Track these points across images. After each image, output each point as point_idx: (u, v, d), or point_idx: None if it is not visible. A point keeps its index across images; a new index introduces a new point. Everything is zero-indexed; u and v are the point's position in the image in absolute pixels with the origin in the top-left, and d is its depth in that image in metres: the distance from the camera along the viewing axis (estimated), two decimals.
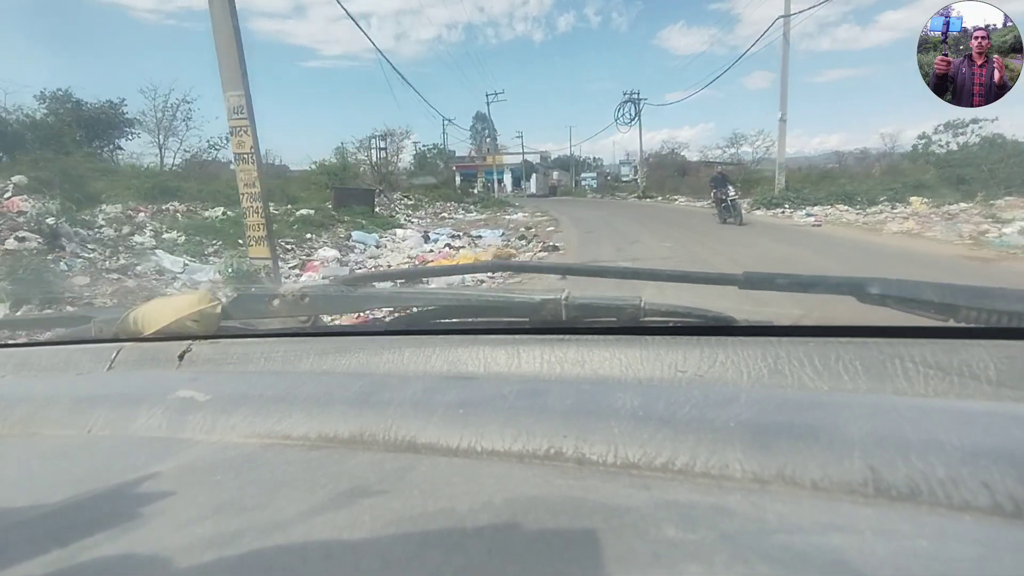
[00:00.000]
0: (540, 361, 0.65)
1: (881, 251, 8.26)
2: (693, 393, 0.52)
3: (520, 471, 0.43)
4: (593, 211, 20.19)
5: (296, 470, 0.46)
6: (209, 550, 0.36)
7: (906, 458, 0.39)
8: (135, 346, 0.84)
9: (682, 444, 0.43)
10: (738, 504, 0.37)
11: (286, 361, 0.75)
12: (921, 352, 0.56)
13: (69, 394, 0.68)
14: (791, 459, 0.41)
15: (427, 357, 0.69)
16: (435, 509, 0.39)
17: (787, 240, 9.81)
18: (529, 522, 0.36)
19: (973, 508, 0.35)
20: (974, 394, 0.52)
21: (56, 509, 0.43)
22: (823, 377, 0.56)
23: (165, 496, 0.43)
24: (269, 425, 0.54)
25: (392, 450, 0.49)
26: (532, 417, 0.49)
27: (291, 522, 0.38)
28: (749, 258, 7.77)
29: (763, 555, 0.32)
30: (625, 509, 0.37)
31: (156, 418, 0.58)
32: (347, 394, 0.58)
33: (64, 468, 0.51)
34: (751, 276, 0.73)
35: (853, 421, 0.44)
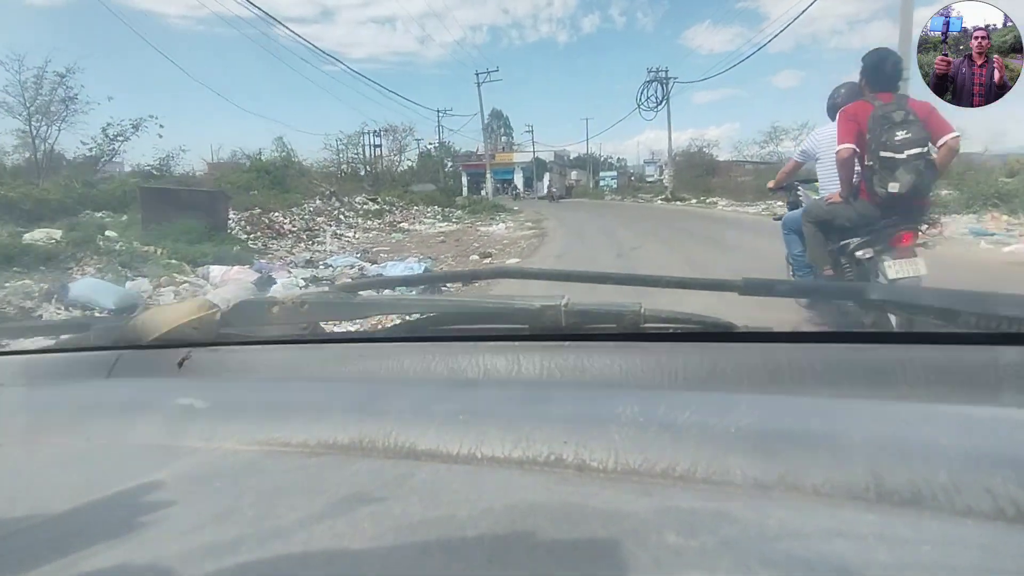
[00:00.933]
0: (540, 368, 0.65)
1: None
2: (693, 399, 0.51)
3: (520, 478, 0.43)
4: (607, 219, 15.30)
5: (296, 477, 0.46)
6: (208, 558, 0.36)
7: (908, 463, 0.39)
8: (134, 353, 0.83)
9: (683, 450, 0.43)
10: (740, 510, 0.37)
11: (285, 368, 0.75)
12: (922, 357, 0.55)
13: (68, 402, 0.68)
14: (793, 465, 0.40)
15: (427, 364, 0.69)
16: (435, 516, 0.38)
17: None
18: (529, 529, 0.36)
19: (976, 513, 0.35)
20: (976, 399, 0.52)
21: (55, 517, 0.43)
22: (823, 383, 0.56)
23: (164, 504, 0.43)
24: (268, 432, 0.54)
25: (392, 457, 0.48)
26: (532, 424, 0.49)
27: (291, 529, 0.38)
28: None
29: (765, 561, 0.32)
30: (626, 516, 0.37)
31: (155, 425, 0.58)
32: (347, 401, 0.58)
33: (63, 476, 0.51)
34: (751, 282, 0.73)
35: (855, 426, 0.44)
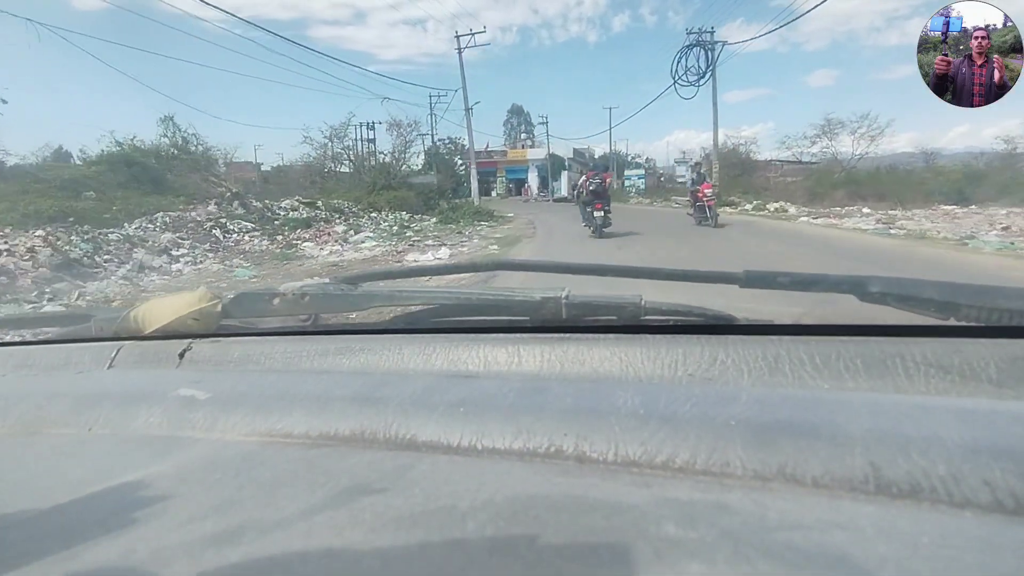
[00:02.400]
0: (540, 359, 0.65)
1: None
2: (694, 391, 0.52)
3: (521, 469, 0.43)
4: (637, 244, 9.31)
5: (296, 468, 0.46)
6: (209, 548, 0.36)
7: (907, 455, 0.39)
8: (135, 344, 0.84)
9: (683, 442, 0.43)
10: (739, 502, 0.37)
11: (286, 360, 0.75)
12: (922, 350, 0.55)
13: (69, 393, 0.68)
14: (792, 456, 0.40)
15: (427, 356, 0.69)
16: (436, 507, 0.38)
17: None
18: (530, 520, 0.36)
19: (974, 505, 0.35)
20: (975, 392, 0.52)
21: (56, 508, 0.43)
22: (824, 375, 0.56)
23: (165, 494, 0.43)
24: (269, 423, 0.54)
25: (393, 448, 0.49)
26: (532, 415, 0.49)
27: (291, 521, 0.38)
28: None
29: (764, 552, 0.32)
30: (626, 507, 0.37)
31: (156, 416, 0.58)
32: (347, 392, 0.58)
33: (64, 467, 0.51)
34: (752, 275, 0.73)
35: (854, 419, 0.44)
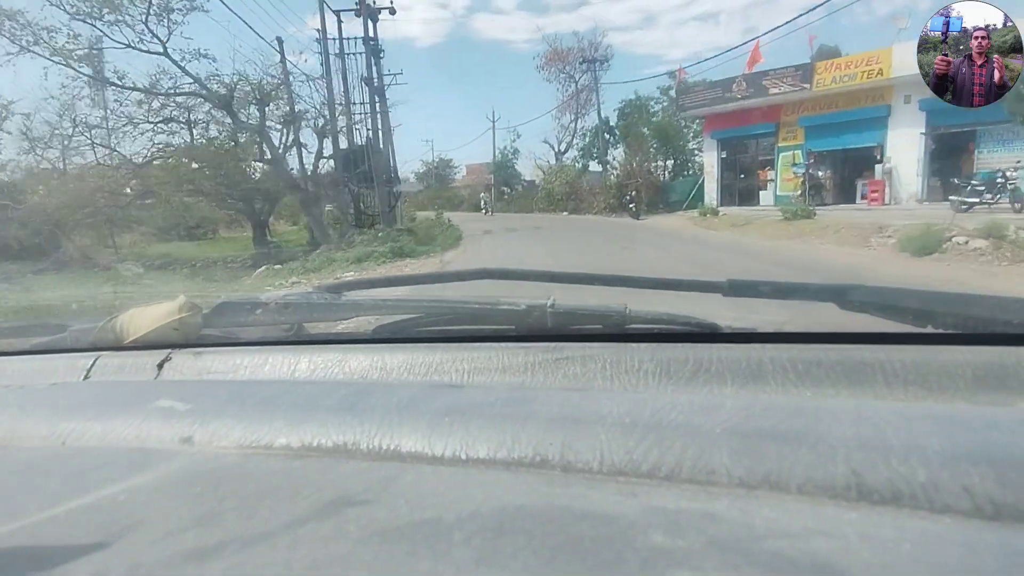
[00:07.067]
0: (526, 368, 0.65)
1: None
2: (679, 399, 0.52)
3: (506, 479, 0.43)
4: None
5: (279, 480, 0.46)
6: (189, 563, 0.36)
7: (888, 462, 0.39)
8: (113, 355, 0.82)
9: (668, 450, 0.43)
10: (725, 510, 0.37)
11: (268, 370, 0.74)
12: (901, 358, 0.56)
13: (43, 404, 0.67)
14: (777, 464, 0.41)
15: (412, 365, 0.69)
16: (421, 518, 0.38)
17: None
18: (516, 530, 0.36)
19: (954, 511, 0.36)
20: (952, 398, 0.53)
21: (29, 523, 0.42)
22: (806, 383, 0.57)
23: (143, 509, 0.43)
24: (251, 435, 0.54)
25: (377, 459, 0.48)
26: (518, 425, 0.49)
27: (274, 534, 0.38)
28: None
29: (751, 560, 0.32)
30: (612, 516, 0.37)
31: (134, 428, 0.57)
32: (331, 403, 0.58)
33: (37, 480, 0.51)
34: (735, 283, 0.74)
35: (836, 426, 0.44)
